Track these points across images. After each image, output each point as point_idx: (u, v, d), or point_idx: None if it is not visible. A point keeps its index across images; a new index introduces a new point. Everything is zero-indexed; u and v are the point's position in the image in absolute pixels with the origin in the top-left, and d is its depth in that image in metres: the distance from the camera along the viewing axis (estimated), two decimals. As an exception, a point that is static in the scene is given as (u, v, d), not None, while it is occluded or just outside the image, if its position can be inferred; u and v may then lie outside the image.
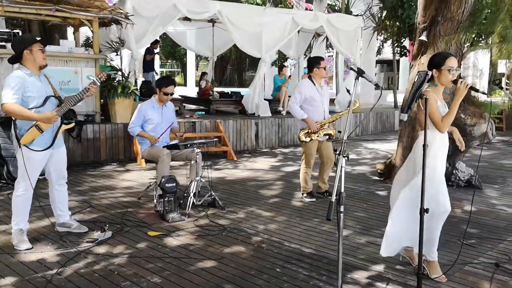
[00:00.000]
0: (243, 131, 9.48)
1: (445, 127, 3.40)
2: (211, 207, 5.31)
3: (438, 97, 3.46)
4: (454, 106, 3.35)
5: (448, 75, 3.38)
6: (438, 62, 3.42)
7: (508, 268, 3.74)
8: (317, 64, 5.63)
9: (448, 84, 3.43)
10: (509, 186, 6.72)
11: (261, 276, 3.54)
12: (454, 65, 3.39)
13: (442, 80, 3.42)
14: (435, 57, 3.56)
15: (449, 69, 3.37)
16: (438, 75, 3.42)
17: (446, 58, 3.42)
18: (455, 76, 3.39)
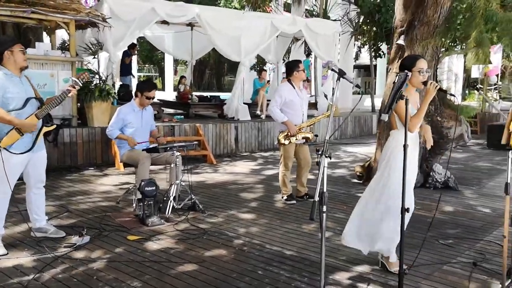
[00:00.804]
0: (222, 135, 9.45)
1: (414, 127, 3.46)
2: (191, 210, 5.27)
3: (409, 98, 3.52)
4: (423, 107, 3.43)
5: (418, 77, 3.45)
6: (409, 64, 3.50)
7: (485, 267, 3.80)
8: (296, 68, 5.67)
9: (418, 85, 3.50)
10: (484, 187, 6.86)
11: (243, 279, 3.52)
12: (424, 67, 3.48)
13: (413, 81, 3.48)
14: (406, 59, 3.66)
15: (420, 70, 3.45)
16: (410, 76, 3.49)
17: (417, 59, 3.51)
18: (425, 78, 3.47)
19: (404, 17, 6.32)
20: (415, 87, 3.55)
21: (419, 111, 3.46)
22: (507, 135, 3.14)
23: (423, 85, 3.46)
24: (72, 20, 7.96)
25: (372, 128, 13.51)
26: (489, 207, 5.69)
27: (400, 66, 3.58)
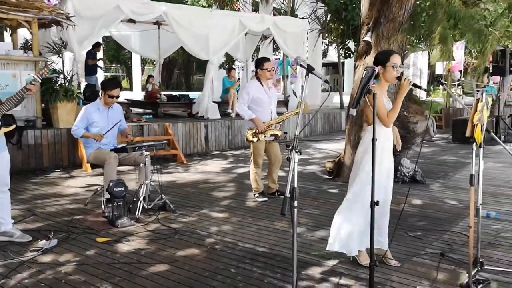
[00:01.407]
0: (192, 134, 9.38)
1: (390, 122, 3.52)
2: (162, 210, 5.20)
3: (383, 93, 3.58)
4: (398, 102, 3.48)
5: (392, 72, 3.49)
6: (383, 59, 3.54)
7: (452, 257, 3.89)
8: (260, 66, 5.67)
9: (392, 80, 3.55)
10: (450, 180, 7.03)
11: (216, 277, 3.50)
12: (398, 62, 3.52)
13: (387, 76, 3.53)
14: (380, 55, 3.70)
15: (393, 65, 3.48)
16: (383, 71, 3.53)
17: (391, 55, 3.54)
18: (399, 73, 3.51)
19: (370, 14, 6.41)
20: (389, 82, 3.59)
21: (395, 106, 3.51)
22: (471, 128, 3.21)
23: (397, 80, 3.51)
24: (35, 19, 7.73)
25: (341, 124, 13.66)
26: (455, 199, 5.84)
27: (374, 61, 3.62)
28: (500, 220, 4.95)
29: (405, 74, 3.59)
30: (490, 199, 5.78)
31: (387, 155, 3.61)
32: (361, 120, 6.58)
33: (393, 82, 3.60)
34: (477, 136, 3.17)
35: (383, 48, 6.24)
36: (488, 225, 4.75)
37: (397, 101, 3.49)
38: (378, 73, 3.55)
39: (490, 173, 7.42)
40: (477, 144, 3.23)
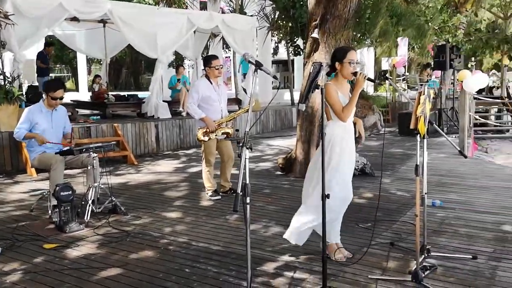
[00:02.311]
0: (142, 134, 9.20)
1: (346, 117, 3.56)
2: (112, 213, 5.07)
3: (340, 89, 3.63)
4: (354, 96, 3.54)
5: (349, 68, 3.56)
6: (340, 55, 3.60)
7: (401, 245, 4.03)
8: (208, 64, 5.64)
9: (349, 76, 3.61)
10: (398, 172, 7.26)
11: (170, 278, 3.45)
12: (354, 58, 3.59)
13: (344, 72, 3.59)
14: (337, 51, 3.75)
15: (350, 61, 3.55)
16: (340, 67, 3.60)
17: (347, 51, 3.61)
18: (355, 69, 3.59)
19: (316, 11, 6.50)
20: (346, 78, 3.64)
21: (350, 100, 3.56)
22: (415, 120, 3.33)
23: (353, 76, 3.57)
24: (-31, 17, 7.33)
25: (292, 121, 13.81)
26: (403, 190, 6.04)
27: (332, 57, 3.68)
28: (445, 208, 5.16)
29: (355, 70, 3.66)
30: (435, 188, 6.02)
31: (348, 149, 3.66)
32: (311, 116, 6.69)
33: (350, 78, 3.66)
34: (421, 128, 3.28)
35: (330, 45, 6.37)
36: (434, 213, 4.94)
37: (353, 96, 3.56)
38: (335, 69, 3.61)
39: (434, 164, 7.74)
40: (420, 135, 3.35)
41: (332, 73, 3.67)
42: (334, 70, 3.65)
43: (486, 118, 14.63)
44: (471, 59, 15.71)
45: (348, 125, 3.67)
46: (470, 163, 7.88)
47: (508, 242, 4.09)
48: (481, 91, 16.08)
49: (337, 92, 3.57)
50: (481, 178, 6.65)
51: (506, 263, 3.64)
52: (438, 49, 12.29)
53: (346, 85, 3.71)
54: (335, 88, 3.57)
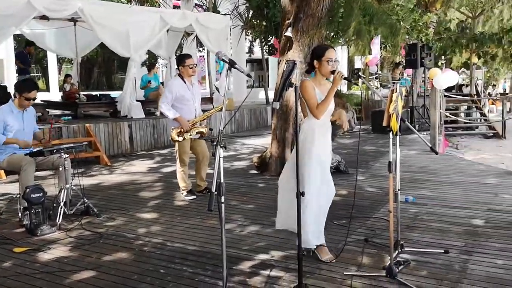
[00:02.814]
0: (115, 134, 9.06)
1: (320, 114, 3.55)
2: (85, 215, 4.98)
3: (318, 87, 3.62)
4: (330, 94, 3.54)
5: (327, 66, 3.55)
6: (319, 53, 3.60)
7: (376, 241, 4.08)
8: (182, 63, 5.59)
9: (327, 74, 3.60)
10: (371, 169, 7.36)
11: (144, 280, 3.40)
12: (333, 56, 3.57)
13: (322, 70, 3.59)
14: (316, 49, 3.74)
15: (328, 60, 3.54)
16: (318, 65, 3.59)
17: (326, 49, 3.61)
18: (334, 67, 3.57)
19: (290, 9, 6.52)
20: (324, 76, 3.64)
21: (325, 98, 3.55)
22: (387, 117, 3.37)
23: (331, 74, 3.56)
24: None
25: (267, 120, 13.84)
26: (376, 187, 6.12)
27: (311, 55, 3.68)
28: (418, 204, 5.25)
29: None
30: (408, 184, 6.12)
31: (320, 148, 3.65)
32: (286, 114, 6.71)
33: (328, 76, 3.66)
34: (393, 125, 3.33)
35: (304, 43, 6.39)
36: (407, 209, 5.02)
37: (328, 94, 3.54)
38: (314, 67, 3.61)
39: (406, 160, 7.87)
40: (393, 132, 3.40)
41: (312, 71, 3.66)
42: (313, 68, 3.64)
43: (456, 115, 14.98)
44: (442, 58, 16.04)
45: (326, 122, 3.67)
46: (441, 160, 8.05)
47: (478, 236, 4.18)
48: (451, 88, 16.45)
49: (314, 89, 3.56)
50: (452, 174, 6.79)
51: (476, 257, 3.72)
52: (410, 47, 12.50)
53: (326, 83, 3.70)
54: (312, 85, 3.57)
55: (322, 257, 3.69)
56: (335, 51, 3.73)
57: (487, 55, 14.57)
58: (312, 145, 3.59)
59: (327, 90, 3.61)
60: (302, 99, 3.58)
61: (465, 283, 3.25)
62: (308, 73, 3.72)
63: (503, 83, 30.04)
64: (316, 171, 3.58)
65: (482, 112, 15.98)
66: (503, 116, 15.05)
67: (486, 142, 14.01)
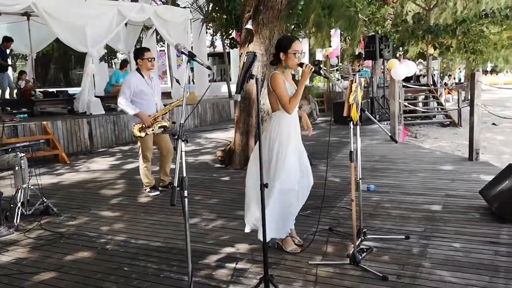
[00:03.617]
0: (74, 132, 8.82)
1: (292, 108, 3.50)
2: (44, 215, 4.84)
3: (287, 80, 3.59)
4: (300, 88, 3.50)
5: (294, 58, 3.48)
6: (285, 45, 3.50)
7: (339, 230, 4.14)
8: (140, 56, 5.49)
9: (294, 66, 3.54)
10: (334, 160, 7.46)
11: (108, 278, 3.34)
12: (299, 49, 3.50)
13: (289, 62, 3.50)
14: (282, 41, 3.62)
15: (295, 52, 3.47)
16: (285, 58, 3.50)
17: (292, 41, 3.51)
18: (300, 59, 3.51)
19: (250, 2, 6.49)
20: (291, 68, 3.57)
21: (296, 92, 3.51)
22: (347, 108, 3.42)
23: (298, 66, 3.51)
24: None
25: (230, 113, 13.81)
26: (339, 177, 6.21)
27: (276, 47, 3.57)
28: (379, 192, 5.36)
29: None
30: (370, 173, 6.24)
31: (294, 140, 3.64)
32: (249, 107, 6.70)
33: (295, 68, 3.62)
34: (353, 115, 3.38)
35: (264, 36, 6.39)
36: (369, 198, 5.12)
37: (299, 87, 3.50)
38: (280, 60, 3.53)
39: (368, 150, 8.03)
40: (353, 122, 3.45)
41: (277, 63, 3.59)
42: (278, 60, 3.55)
43: (415, 105, 15.39)
44: (399, 49, 16.41)
45: (295, 116, 3.64)
46: (401, 148, 8.25)
47: (436, 221, 4.32)
48: (409, 79, 16.88)
49: (284, 82, 3.51)
50: (411, 162, 6.97)
51: (435, 241, 3.84)
52: (368, 39, 12.73)
53: (290, 75, 3.68)
54: (282, 78, 3.50)
55: (286, 247, 3.72)
56: (301, 42, 3.69)
57: (442, 46, 14.99)
58: (288, 138, 3.56)
59: (292, 82, 3.61)
60: (273, 92, 3.52)
61: (425, 267, 3.35)
62: (273, 65, 3.66)
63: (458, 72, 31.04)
64: (297, 165, 3.58)
65: (439, 102, 16.47)
66: (459, 104, 15.57)
67: (443, 130, 14.48)
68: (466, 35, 13.76)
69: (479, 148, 6.99)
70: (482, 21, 13.68)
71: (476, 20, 13.63)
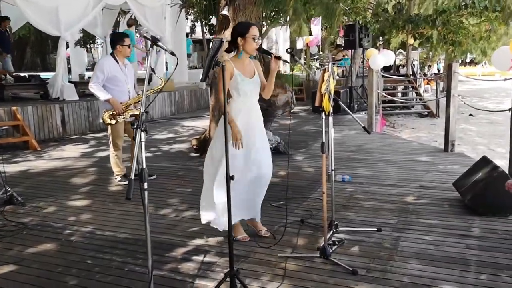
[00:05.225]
0: (46, 118, 8.57)
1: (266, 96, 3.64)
2: (8, 205, 4.65)
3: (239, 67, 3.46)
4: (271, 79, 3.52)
5: (252, 43, 3.41)
6: (242, 30, 3.42)
7: (311, 222, 4.07)
8: (121, 42, 5.29)
9: (252, 51, 3.47)
10: (310, 149, 7.40)
11: (69, 272, 3.21)
12: (257, 34, 3.45)
13: (247, 47, 3.43)
14: (238, 26, 3.55)
15: (253, 37, 3.41)
16: (243, 43, 3.42)
17: (250, 26, 3.45)
18: (258, 44, 3.45)
19: (226, -13, 6.35)
20: (249, 53, 3.49)
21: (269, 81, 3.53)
22: (319, 98, 3.32)
23: (257, 51, 3.47)
24: None
25: (208, 101, 13.61)
26: (314, 167, 6.14)
27: (233, 32, 3.49)
28: (353, 183, 5.31)
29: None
30: (345, 164, 6.19)
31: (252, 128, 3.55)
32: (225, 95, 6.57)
33: (253, 54, 3.54)
34: (326, 105, 3.29)
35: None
36: (343, 189, 5.07)
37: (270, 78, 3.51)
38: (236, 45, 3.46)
39: (344, 140, 7.99)
40: (325, 113, 3.36)
41: (233, 50, 3.51)
42: (235, 47, 3.48)
43: (394, 95, 15.43)
44: (379, 39, 16.39)
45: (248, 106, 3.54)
46: (378, 139, 8.24)
47: (409, 213, 4.29)
48: (389, 69, 16.91)
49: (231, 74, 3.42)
50: (387, 153, 6.95)
51: (407, 233, 3.81)
52: (347, 28, 12.65)
53: (250, 62, 3.58)
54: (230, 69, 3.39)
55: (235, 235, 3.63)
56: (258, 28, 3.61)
57: (423, 36, 15.01)
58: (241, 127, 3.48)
59: (251, 70, 3.52)
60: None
61: (396, 260, 3.31)
62: (228, 52, 3.55)
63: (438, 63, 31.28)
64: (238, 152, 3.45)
65: (418, 92, 16.54)
66: (437, 95, 15.66)
67: (421, 121, 14.55)
68: (446, 25, 13.81)
69: (455, 140, 7.01)
70: (462, 12, 13.74)
71: (455, 10, 13.68)
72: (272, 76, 3.51)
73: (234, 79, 3.45)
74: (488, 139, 11.65)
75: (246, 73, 3.51)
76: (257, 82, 3.56)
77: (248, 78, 3.51)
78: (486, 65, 33.69)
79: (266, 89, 3.61)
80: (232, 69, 3.42)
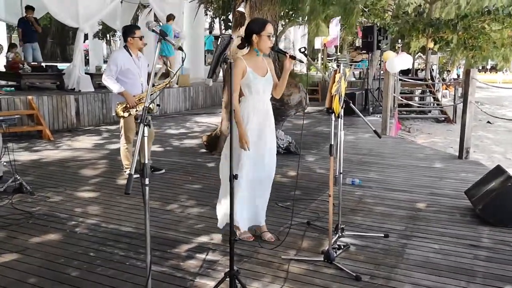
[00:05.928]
0: (61, 108, 8.63)
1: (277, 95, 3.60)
2: (17, 193, 4.69)
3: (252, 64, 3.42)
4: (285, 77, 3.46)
5: (267, 41, 3.37)
6: (258, 27, 3.37)
7: (317, 225, 4.02)
8: (131, 34, 5.28)
9: (266, 50, 3.43)
10: (322, 150, 7.32)
11: (71, 263, 3.21)
12: (272, 32, 3.40)
13: (261, 45, 3.38)
14: (254, 23, 3.50)
15: (269, 35, 3.36)
16: (258, 40, 3.37)
17: (266, 24, 3.40)
18: (272, 43, 3.41)
19: (244, -16, 6.30)
20: (263, 52, 3.45)
21: (282, 81, 3.48)
22: (329, 99, 3.26)
23: (271, 50, 3.43)
24: None
25: (223, 98, 13.62)
26: (325, 168, 6.06)
27: (248, 29, 3.44)
28: (363, 187, 5.23)
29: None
30: (356, 167, 6.10)
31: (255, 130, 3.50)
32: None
33: (267, 52, 3.50)
34: (335, 106, 3.23)
35: (256, 20, 6.19)
36: (353, 192, 4.99)
37: (284, 75, 3.45)
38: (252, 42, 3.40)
39: (357, 143, 7.89)
40: (335, 115, 3.30)
41: (246, 46, 3.47)
42: (249, 43, 3.43)
43: (411, 99, 15.22)
44: (398, 41, 16.17)
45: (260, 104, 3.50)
46: (392, 143, 8.12)
47: (419, 220, 4.20)
48: (408, 72, 16.69)
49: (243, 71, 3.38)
50: (400, 157, 6.84)
51: (415, 241, 3.73)
52: (366, 30, 12.51)
53: (262, 60, 3.53)
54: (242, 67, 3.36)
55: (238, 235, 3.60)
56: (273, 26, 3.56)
57: (442, 40, 14.78)
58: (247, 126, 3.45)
59: (263, 68, 3.47)
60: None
61: (401, 268, 3.24)
62: (241, 48, 3.51)
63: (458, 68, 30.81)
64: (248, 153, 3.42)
65: (435, 97, 16.30)
66: (455, 101, 15.42)
67: (437, 126, 14.34)
68: (467, 30, 13.57)
69: (470, 147, 6.87)
70: (484, 17, 13.48)
71: (478, 16, 13.43)
72: (285, 75, 3.46)
73: (247, 77, 3.41)
74: (505, 147, 11.41)
75: (258, 70, 3.47)
76: (269, 80, 3.52)
77: (260, 76, 3.47)
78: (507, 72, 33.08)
79: (278, 88, 3.57)
80: (245, 67, 3.38)
